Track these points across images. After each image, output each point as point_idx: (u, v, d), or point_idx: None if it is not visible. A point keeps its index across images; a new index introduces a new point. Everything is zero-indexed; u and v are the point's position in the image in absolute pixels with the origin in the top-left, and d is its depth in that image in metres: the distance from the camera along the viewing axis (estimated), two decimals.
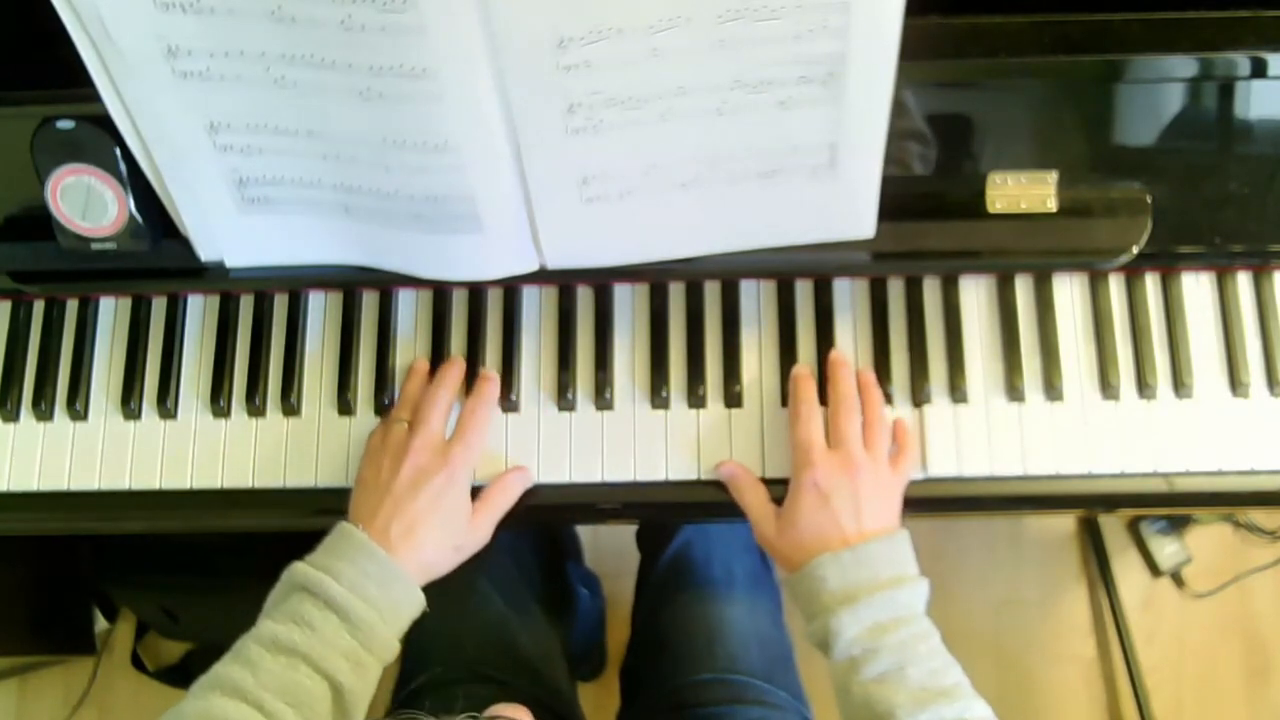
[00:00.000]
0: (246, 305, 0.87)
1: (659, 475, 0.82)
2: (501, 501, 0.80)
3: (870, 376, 0.81)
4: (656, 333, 0.84)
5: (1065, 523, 1.61)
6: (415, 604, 0.74)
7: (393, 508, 0.74)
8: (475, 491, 0.80)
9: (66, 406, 0.86)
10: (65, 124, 0.76)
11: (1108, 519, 1.59)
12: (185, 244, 0.80)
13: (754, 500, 0.79)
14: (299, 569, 0.71)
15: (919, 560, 0.74)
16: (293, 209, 0.77)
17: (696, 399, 0.82)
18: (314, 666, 0.67)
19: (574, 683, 1.08)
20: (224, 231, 0.78)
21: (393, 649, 0.73)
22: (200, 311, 0.87)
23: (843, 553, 0.72)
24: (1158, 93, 0.76)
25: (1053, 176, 0.78)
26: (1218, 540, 1.59)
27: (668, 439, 0.82)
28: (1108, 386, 0.82)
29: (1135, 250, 0.78)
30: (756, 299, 0.85)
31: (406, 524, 0.74)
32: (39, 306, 0.89)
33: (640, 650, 1.07)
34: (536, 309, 0.85)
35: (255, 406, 0.84)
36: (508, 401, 0.83)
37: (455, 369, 0.82)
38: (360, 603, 0.70)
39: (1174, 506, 0.83)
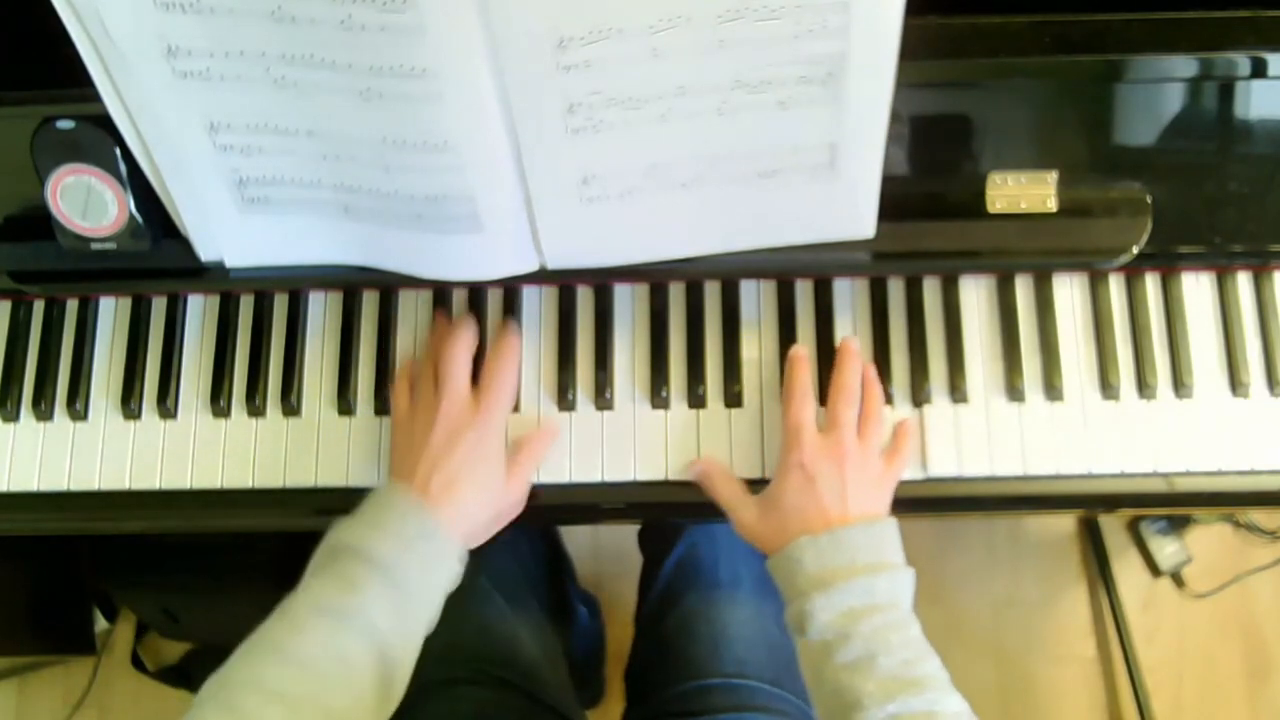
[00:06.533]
0: (246, 305, 0.87)
1: (659, 475, 0.82)
2: (531, 462, 0.80)
3: (871, 372, 0.81)
4: (656, 333, 0.84)
5: (1065, 523, 1.61)
6: (459, 560, 0.74)
7: (430, 465, 0.74)
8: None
9: (66, 406, 0.86)
10: (65, 124, 0.76)
11: (1108, 519, 1.59)
12: (185, 244, 0.80)
13: (729, 490, 0.79)
14: (343, 530, 0.71)
15: (918, 560, 0.74)
16: (293, 209, 0.77)
17: (696, 399, 0.82)
18: (359, 628, 0.67)
19: (574, 688, 1.08)
20: (224, 231, 0.78)
21: (436, 608, 0.72)
22: (200, 311, 0.87)
23: (821, 535, 0.71)
24: (1158, 93, 0.76)
25: (1053, 176, 0.78)
26: (1218, 540, 1.59)
27: (668, 439, 0.82)
28: (1108, 386, 0.82)
29: (1135, 250, 0.78)
30: (756, 299, 0.85)
31: (446, 479, 0.74)
32: (39, 306, 0.89)
33: (645, 653, 1.07)
34: (536, 309, 0.85)
35: (255, 406, 0.84)
36: None
37: (469, 328, 0.82)
38: (404, 562, 0.69)
39: (1174, 506, 0.83)
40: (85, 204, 0.77)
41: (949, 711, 0.66)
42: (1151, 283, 0.84)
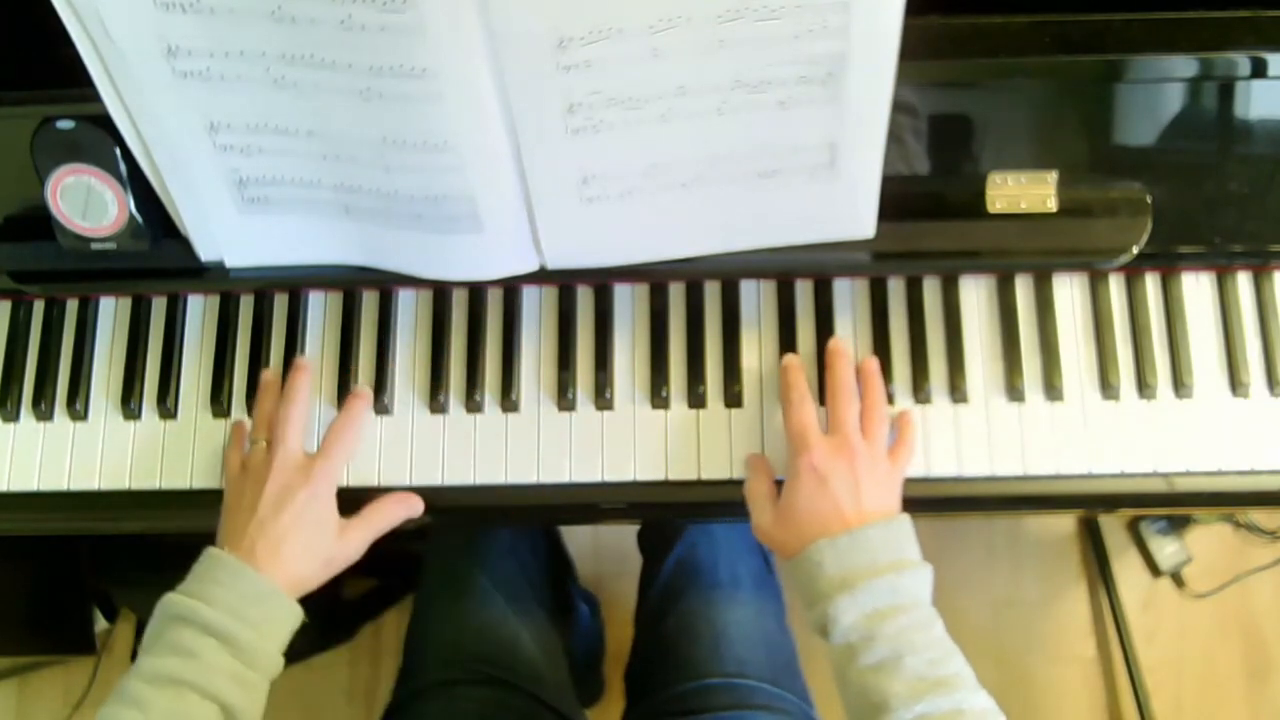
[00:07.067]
0: (246, 305, 0.87)
1: (659, 475, 0.82)
2: (378, 522, 0.80)
3: (873, 365, 0.80)
4: (656, 333, 0.84)
5: (1065, 523, 1.61)
6: (293, 616, 0.74)
7: (258, 528, 0.75)
8: (369, 495, 0.81)
9: (66, 406, 0.86)
10: (65, 124, 0.76)
11: (1108, 519, 1.59)
12: (185, 244, 0.80)
13: (759, 488, 0.78)
14: (172, 599, 0.71)
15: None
16: (293, 209, 0.77)
17: (696, 399, 0.82)
18: (201, 693, 0.67)
19: (574, 686, 1.08)
20: (224, 231, 0.78)
21: (277, 664, 0.73)
22: (200, 311, 0.87)
23: (840, 537, 0.71)
24: (1158, 93, 0.77)
25: (1053, 176, 0.78)
26: (1218, 540, 1.59)
27: (668, 439, 0.82)
28: (1108, 386, 0.82)
29: (1135, 250, 0.78)
30: (756, 299, 0.85)
31: (272, 542, 0.74)
32: (39, 306, 0.89)
33: (645, 653, 1.07)
34: (536, 309, 0.85)
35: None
36: (507, 401, 0.83)
37: (303, 379, 0.82)
38: (237, 623, 0.70)
39: (1174, 506, 0.83)
40: (85, 204, 0.77)
41: (976, 709, 0.66)
42: (1151, 283, 0.84)
